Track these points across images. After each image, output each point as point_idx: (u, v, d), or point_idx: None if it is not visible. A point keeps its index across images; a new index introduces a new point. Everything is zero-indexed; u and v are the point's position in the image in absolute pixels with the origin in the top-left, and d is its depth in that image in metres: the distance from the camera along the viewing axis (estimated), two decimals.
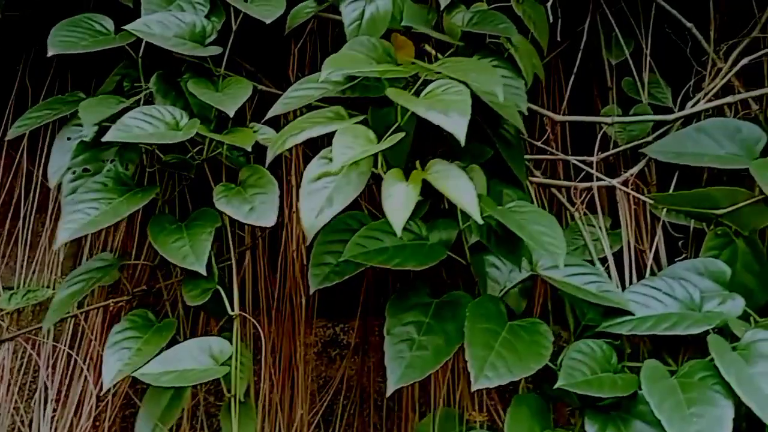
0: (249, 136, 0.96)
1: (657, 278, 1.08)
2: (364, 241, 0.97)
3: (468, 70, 0.98)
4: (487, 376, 0.88)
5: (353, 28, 1.10)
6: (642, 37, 1.43)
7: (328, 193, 0.85)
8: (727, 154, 1.19)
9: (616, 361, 1.01)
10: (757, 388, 0.90)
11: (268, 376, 1.23)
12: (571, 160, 1.27)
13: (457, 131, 0.81)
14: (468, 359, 0.89)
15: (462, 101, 0.86)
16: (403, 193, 0.82)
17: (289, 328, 1.25)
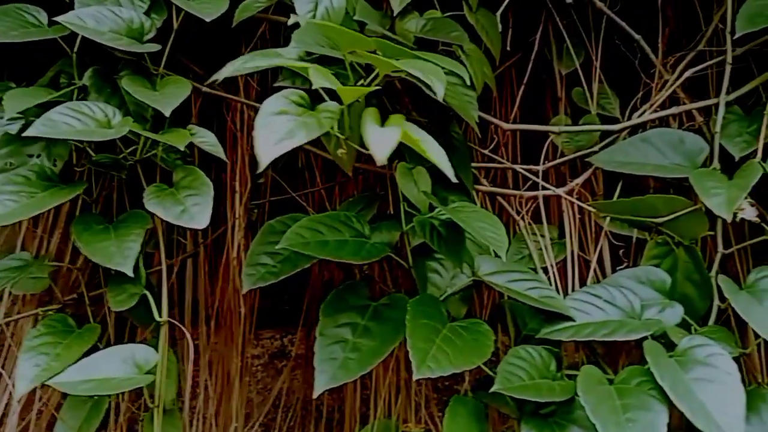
0: (184, 136, 0.94)
1: (598, 286, 1.08)
2: (305, 232, 0.95)
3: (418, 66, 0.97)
4: (430, 366, 0.87)
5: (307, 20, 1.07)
6: (592, 48, 1.43)
7: (291, 126, 0.78)
8: (670, 164, 1.20)
9: (555, 367, 1.00)
10: (690, 393, 0.90)
11: (204, 388, 1.19)
12: (518, 168, 1.27)
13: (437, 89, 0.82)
14: (410, 349, 0.88)
15: (438, 71, 0.85)
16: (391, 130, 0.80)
17: (230, 339, 1.22)
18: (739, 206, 1.04)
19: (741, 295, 1.01)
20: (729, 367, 0.92)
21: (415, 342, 0.88)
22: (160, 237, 0.99)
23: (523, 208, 1.27)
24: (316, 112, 0.82)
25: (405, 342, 0.89)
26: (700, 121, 1.31)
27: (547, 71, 1.47)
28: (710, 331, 1.02)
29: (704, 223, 1.12)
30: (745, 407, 0.97)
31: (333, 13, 1.04)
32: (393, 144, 0.77)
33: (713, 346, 0.94)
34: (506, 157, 1.41)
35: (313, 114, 0.81)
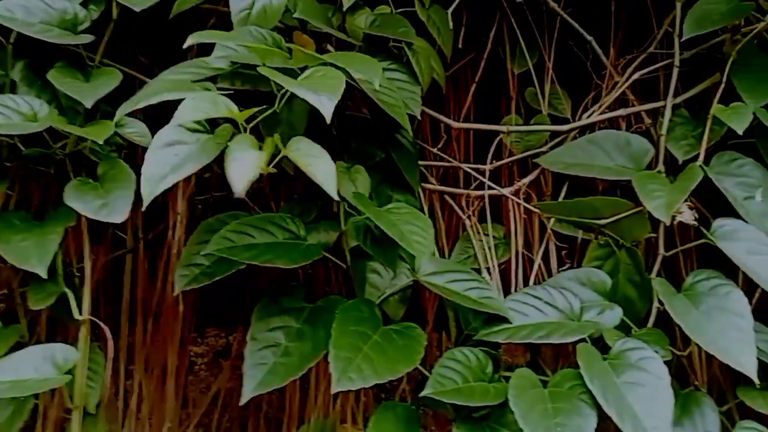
0: (106, 128, 0.92)
1: (539, 287, 1.08)
2: (233, 235, 0.94)
3: (351, 61, 0.97)
4: (351, 377, 0.85)
5: (241, 18, 1.05)
6: (545, 48, 1.43)
7: (180, 159, 0.80)
8: (616, 165, 1.20)
9: (491, 370, 1.00)
10: (620, 396, 0.90)
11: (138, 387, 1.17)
12: (464, 167, 1.27)
13: (324, 108, 0.79)
14: (331, 361, 0.86)
15: (334, 84, 0.84)
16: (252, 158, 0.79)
17: (170, 337, 1.20)
18: (677, 209, 1.04)
19: (677, 299, 1.01)
20: (659, 371, 0.92)
21: (338, 352, 0.86)
22: (84, 232, 0.96)
23: (469, 208, 1.26)
24: (215, 137, 0.81)
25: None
26: (649, 124, 1.31)
27: (501, 71, 1.46)
28: (646, 333, 1.02)
29: (646, 226, 1.12)
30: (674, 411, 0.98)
31: (271, 10, 1.02)
32: (251, 175, 0.76)
33: (645, 349, 0.94)
34: (459, 156, 1.41)
35: (210, 139, 0.81)
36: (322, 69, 0.91)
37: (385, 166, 1.17)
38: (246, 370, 0.90)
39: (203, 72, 1.00)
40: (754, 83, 1.19)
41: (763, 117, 1.13)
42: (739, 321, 0.97)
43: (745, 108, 1.13)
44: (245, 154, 0.79)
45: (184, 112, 0.81)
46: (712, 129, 1.19)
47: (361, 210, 0.92)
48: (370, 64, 0.97)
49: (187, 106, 0.82)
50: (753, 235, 1.05)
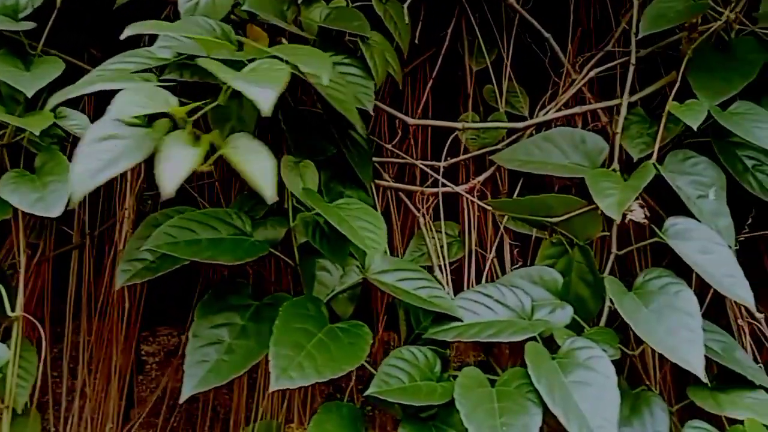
0: (43, 119, 0.89)
1: (490, 285, 1.06)
2: (175, 231, 0.91)
3: (300, 54, 0.94)
4: (291, 376, 0.83)
5: (189, 7, 1.02)
6: (503, 45, 1.42)
7: (115, 154, 0.75)
8: (570, 163, 1.19)
9: (440, 369, 0.98)
10: (567, 396, 0.88)
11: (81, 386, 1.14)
12: (419, 164, 1.25)
13: (261, 100, 0.76)
14: (270, 358, 0.84)
15: (277, 76, 0.81)
16: (185, 157, 0.75)
17: (115, 335, 1.17)
18: (629, 207, 1.04)
19: (627, 297, 1.00)
20: (607, 370, 0.91)
21: (279, 349, 0.83)
22: (20, 226, 0.93)
23: (423, 205, 1.24)
24: (152, 131, 0.78)
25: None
26: (605, 122, 1.31)
27: (460, 68, 1.45)
28: (596, 333, 1.01)
29: (599, 224, 1.11)
30: (624, 410, 0.98)
31: (219, 1, 1.00)
32: (182, 175, 0.73)
33: (594, 348, 0.93)
34: (416, 153, 1.39)
35: (147, 133, 0.78)
36: (268, 61, 0.88)
37: (337, 162, 1.15)
38: (186, 368, 0.88)
39: (147, 62, 0.97)
40: (709, 81, 1.19)
41: (717, 114, 1.13)
42: (688, 320, 0.96)
43: (700, 105, 1.13)
44: (178, 152, 0.76)
45: (120, 106, 0.78)
46: (667, 127, 1.19)
47: (310, 206, 0.90)
48: (319, 58, 0.95)
49: (122, 99, 0.79)
50: (705, 234, 1.05)
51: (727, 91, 1.16)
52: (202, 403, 1.25)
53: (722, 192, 1.12)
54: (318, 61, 0.92)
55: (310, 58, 0.93)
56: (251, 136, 0.83)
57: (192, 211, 0.96)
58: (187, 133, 0.79)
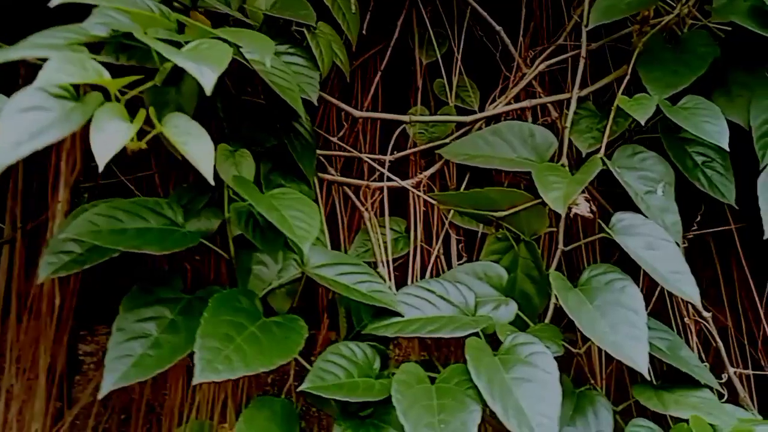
0: None
1: (433, 281, 1.03)
2: (99, 219, 0.86)
3: (243, 36, 0.90)
4: (217, 368, 0.79)
5: None
6: (454, 38, 1.39)
7: (36, 127, 0.70)
8: (518, 157, 1.17)
9: (379, 365, 0.95)
10: (507, 392, 0.86)
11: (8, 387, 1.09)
12: (364, 157, 1.22)
13: (204, 78, 0.72)
14: (195, 350, 0.80)
15: (219, 56, 0.77)
16: (119, 129, 0.71)
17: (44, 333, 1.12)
18: (574, 201, 1.01)
19: (572, 293, 0.97)
20: (548, 366, 0.88)
21: (206, 341, 0.79)
22: None
23: (369, 200, 1.21)
24: (83, 104, 0.74)
25: None
26: (555, 116, 1.29)
27: (412, 61, 1.42)
28: (540, 329, 0.98)
29: (545, 219, 1.09)
30: (567, 409, 0.95)
31: None
32: (116, 146, 0.69)
33: (536, 344, 0.91)
34: (365, 146, 1.36)
35: (77, 107, 0.73)
36: (209, 42, 0.84)
37: (280, 154, 1.11)
38: (107, 362, 0.83)
39: (78, 38, 0.91)
40: (659, 75, 1.17)
41: (666, 109, 1.11)
42: (633, 317, 0.94)
43: (649, 99, 1.11)
44: (112, 124, 0.71)
45: (48, 74, 0.72)
46: (617, 121, 1.17)
47: (241, 194, 0.86)
48: (262, 42, 0.91)
49: (51, 66, 0.73)
50: (651, 230, 1.03)
51: (677, 85, 1.14)
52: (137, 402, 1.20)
53: (670, 188, 1.10)
54: (261, 45, 0.88)
55: (252, 41, 0.89)
56: (188, 118, 0.79)
57: (120, 199, 0.91)
58: (119, 106, 0.75)
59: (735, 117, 1.17)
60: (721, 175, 1.17)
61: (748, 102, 1.16)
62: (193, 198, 1.07)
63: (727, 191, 1.16)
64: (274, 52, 1.16)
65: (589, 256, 1.26)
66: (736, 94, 1.19)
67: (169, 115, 0.81)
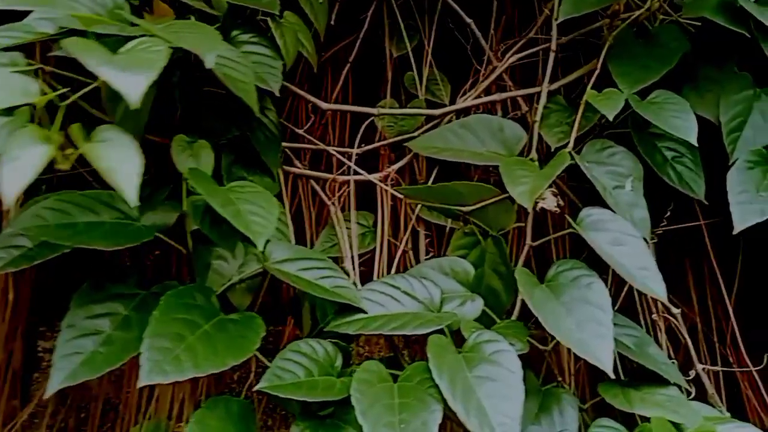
0: None
1: (399, 276, 1.01)
2: (48, 213, 0.83)
3: (187, 33, 0.87)
4: (165, 370, 0.76)
5: None
6: (425, 31, 1.37)
7: None
8: (487, 151, 1.15)
9: (341, 363, 0.93)
10: (470, 392, 0.84)
11: None
12: (330, 150, 1.19)
13: (128, 90, 0.69)
14: (143, 351, 0.77)
15: (152, 60, 0.74)
16: (33, 157, 0.67)
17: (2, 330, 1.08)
18: (541, 195, 1.00)
19: (538, 290, 0.96)
20: (512, 365, 0.86)
21: (155, 341, 0.77)
22: None
23: (336, 194, 1.19)
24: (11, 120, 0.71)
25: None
26: (526, 110, 1.27)
27: (383, 54, 1.40)
28: (505, 326, 0.97)
29: (512, 214, 1.07)
30: (533, 407, 0.94)
31: None
32: (27, 179, 0.65)
33: (501, 342, 0.89)
34: (334, 140, 1.33)
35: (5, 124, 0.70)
36: (147, 41, 0.81)
37: (242, 145, 1.09)
38: (56, 360, 0.80)
39: (25, 36, 0.89)
40: (629, 69, 1.16)
41: (635, 103, 1.10)
42: (599, 314, 0.92)
43: (617, 94, 1.10)
44: (26, 151, 0.67)
45: None
46: (586, 116, 1.16)
47: (194, 187, 0.83)
48: (207, 39, 0.88)
49: None
50: (619, 226, 1.01)
51: (646, 79, 1.13)
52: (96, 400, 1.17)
53: (639, 183, 1.09)
54: (203, 39, 0.84)
55: (195, 35, 0.86)
56: (120, 130, 0.76)
57: (71, 192, 0.88)
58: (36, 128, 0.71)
59: (704, 112, 1.16)
60: (691, 171, 1.16)
61: (718, 97, 1.15)
62: (153, 190, 1.04)
63: (697, 186, 1.15)
64: (239, 41, 1.14)
65: (560, 252, 1.24)
66: (706, 89, 1.18)
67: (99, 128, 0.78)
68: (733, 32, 1.13)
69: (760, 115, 1.14)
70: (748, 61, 1.21)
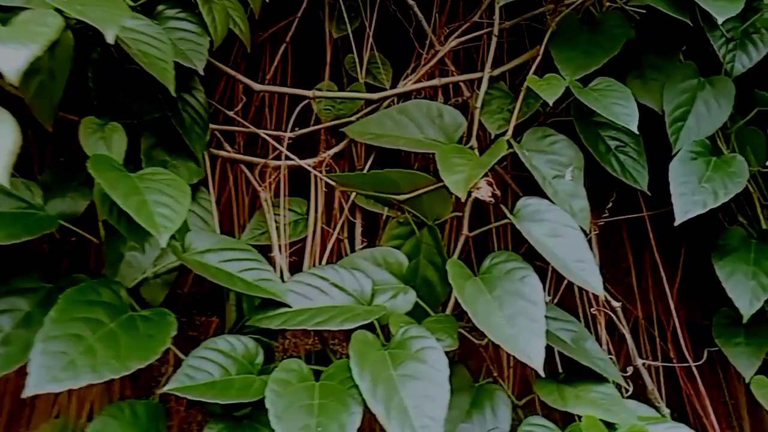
0: None
1: (328, 267, 0.96)
2: None
3: (94, 6, 0.80)
4: (57, 377, 0.70)
5: None
6: (366, 12, 1.32)
7: None
8: (426, 138, 1.10)
9: (262, 360, 0.87)
10: (393, 391, 0.79)
11: None
12: (261, 133, 1.13)
13: (4, 65, 0.63)
14: (32, 357, 0.70)
15: (38, 33, 0.68)
16: None
17: None
18: (475, 185, 0.95)
19: (470, 283, 0.91)
20: (438, 363, 0.82)
21: (48, 345, 0.70)
22: None
23: (268, 180, 1.13)
24: None
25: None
26: (468, 96, 1.23)
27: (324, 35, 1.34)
28: (435, 320, 0.92)
29: (448, 203, 1.03)
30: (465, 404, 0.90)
31: None
32: None
33: (428, 338, 0.84)
34: (270, 122, 1.28)
35: None
36: (38, 13, 0.74)
37: (165, 127, 1.02)
38: None
39: None
40: (572, 55, 1.12)
41: (576, 90, 1.06)
42: (531, 308, 0.88)
43: (559, 79, 1.06)
44: None
45: None
46: (527, 102, 1.12)
47: (93, 174, 0.77)
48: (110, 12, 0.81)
49: None
50: (557, 217, 0.97)
51: (589, 66, 1.09)
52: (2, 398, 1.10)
53: (580, 173, 1.05)
54: (107, 13, 0.78)
55: (101, 8, 0.80)
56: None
57: None
58: None
59: (648, 101, 1.13)
60: (634, 161, 1.13)
61: (662, 86, 1.12)
62: (68, 175, 0.97)
63: (640, 177, 1.12)
64: (164, 16, 1.07)
65: (501, 243, 1.20)
66: (650, 77, 1.14)
67: None
68: (680, 21, 1.09)
69: (703, 105, 1.11)
70: (694, 50, 1.18)
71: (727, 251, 1.12)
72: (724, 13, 1.02)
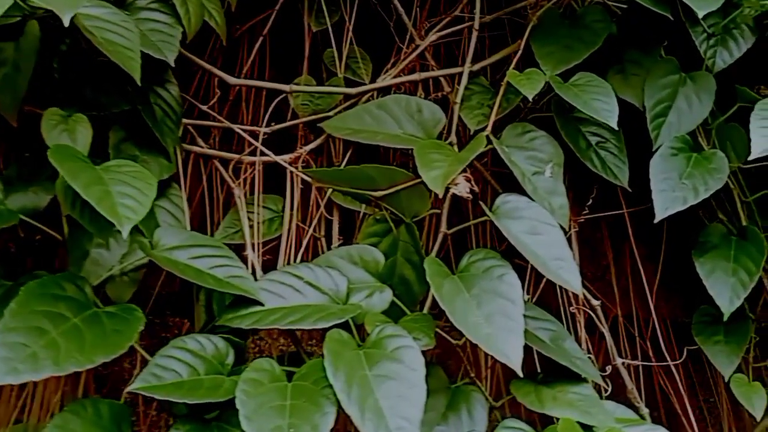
0: None
1: (302, 266, 0.94)
2: None
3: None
4: (17, 369, 0.68)
5: None
6: (346, 6, 1.30)
7: None
8: (404, 133, 1.08)
9: (233, 360, 0.85)
10: (368, 392, 0.77)
11: None
12: (236, 128, 1.11)
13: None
14: None
15: None
16: None
17: None
18: (453, 181, 0.94)
19: (448, 281, 0.89)
20: (414, 363, 0.80)
21: (7, 337, 0.68)
22: None
23: (242, 176, 1.11)
24: None
25: None
26: (449, 91, 1.21)
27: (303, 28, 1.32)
28: (412, 319, 0.90)
29: (426, 200, 1.01)
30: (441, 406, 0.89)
31: None
32: None
33: (404, 337, 0.82)
34: (247, 117, 1.25)
35: None
36: None
37: (135, 121, 1.00)
38: None
39: None
40: (552, 50, 1.11)
41: (556, 85, 1.05)
42: (509, 307, 0.86)
43: (538, 74, 1.04)
44: None
45: None
46: (507, 98, 1.10)
47: (54, 164, 0.74)
48: None
49: None
50: (536, 214, 0.96)
51: (569, 60, 1.08)
52: None
53: (559, 169, 1.04)
54: None
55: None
56: None
57: None
58: None
59: (629, 96, 1.12)
60: (615, 156, 1.12)
61: (643, 81, 1.11)
62: (33, 170, 0.94)
63: (621, 173, 1.11)
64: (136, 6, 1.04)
65: (480, 241, 1.19)
66: (631, 73, 1.13)
67: None
68: (661, 16, 1.08)
69: (685, 101, 1.10)
70: (675, 45, 1.17)
71: (707, 248, 1.11)
72: (705, 8, 1.00)
